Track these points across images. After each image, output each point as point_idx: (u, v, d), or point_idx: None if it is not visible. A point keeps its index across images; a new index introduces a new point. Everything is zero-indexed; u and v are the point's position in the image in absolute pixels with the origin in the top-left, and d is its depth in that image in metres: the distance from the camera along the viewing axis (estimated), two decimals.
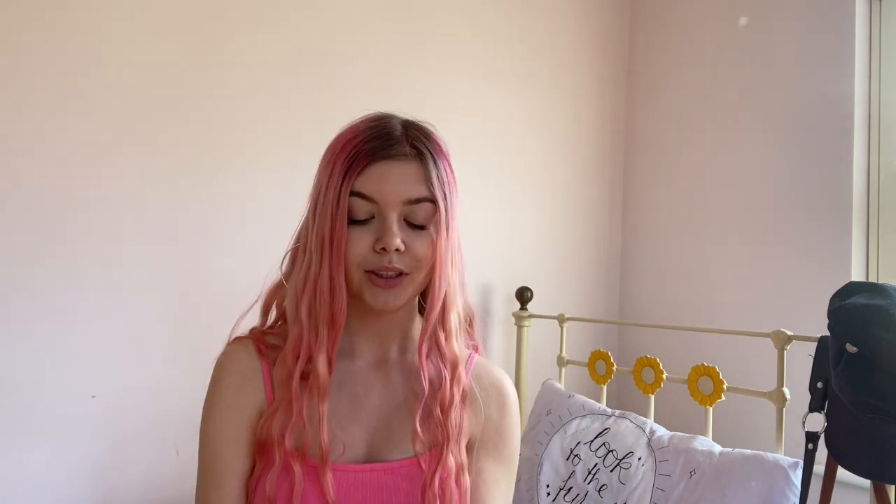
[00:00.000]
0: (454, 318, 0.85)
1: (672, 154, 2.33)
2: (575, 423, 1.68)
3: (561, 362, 2.04)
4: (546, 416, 1.75)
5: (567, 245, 2.36)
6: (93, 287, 1.52)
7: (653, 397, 1.73)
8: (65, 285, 1.49)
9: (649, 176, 2.41)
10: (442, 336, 0.84)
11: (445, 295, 0.82)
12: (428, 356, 0.84)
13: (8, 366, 1.43)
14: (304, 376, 0.80)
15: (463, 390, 0.85)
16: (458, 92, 2.09)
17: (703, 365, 1.60)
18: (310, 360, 0.79)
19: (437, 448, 0.82)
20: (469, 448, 0.88)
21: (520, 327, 2.13)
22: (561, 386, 1.91)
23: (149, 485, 1.57)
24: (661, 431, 1.57)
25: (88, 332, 1.51)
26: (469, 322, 0.92)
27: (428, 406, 0.83)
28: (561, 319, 2.07)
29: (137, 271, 1.58)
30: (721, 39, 2.19)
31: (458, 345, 0.85)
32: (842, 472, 1.24)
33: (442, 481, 0.80)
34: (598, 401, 1.78)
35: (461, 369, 0.85)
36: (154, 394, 1.57)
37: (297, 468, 0.77)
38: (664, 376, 1.70)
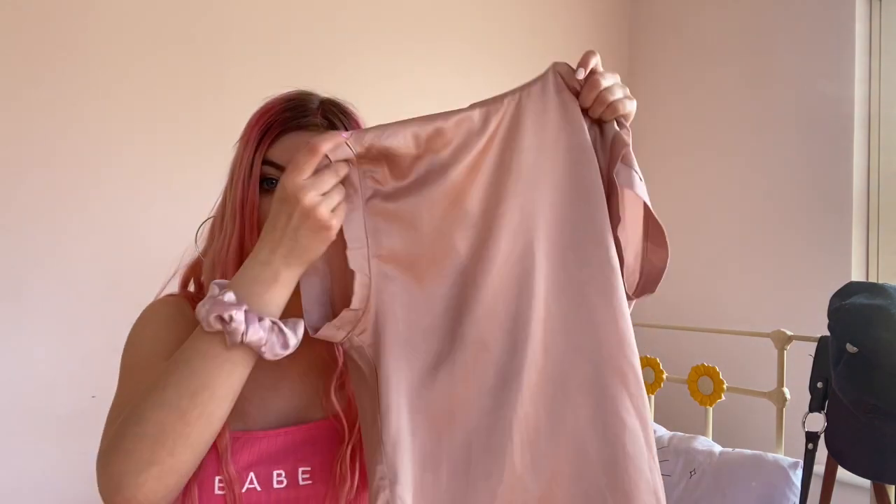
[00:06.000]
0: None
1: (672, 154, 2.33)
2: None
3: None
4: None
5: None
6: (94, 288, 1.52)
7: (653, 397, 1.73)
8: (66, 286, 1.49)
9: (649, 176, 2.40)
10: None
11: None
12: None
13: (8, 366, 1.43)
14: None
15: None
16: (458, 93, 2.09)
17: (703, 365, 1.60)
18: None
19: (352, 416, 0.78)
20: None
21: None
22: None
23: None
24: (661, 431, 1.57)
25: (89, 331, 1.51)
26: None
27: (341, 375, 0.80)
28: None
29: (139, 271, 1.58)
30: (721, 40, 2.19)
31: None
32: (842, 472, 1.24)
33: (359, 449, 0.77)
34: None
35: None
36: None
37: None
38: (664, 376, 1.70)
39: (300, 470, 0.77)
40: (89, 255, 1.52)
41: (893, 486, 1.23)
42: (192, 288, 0.88)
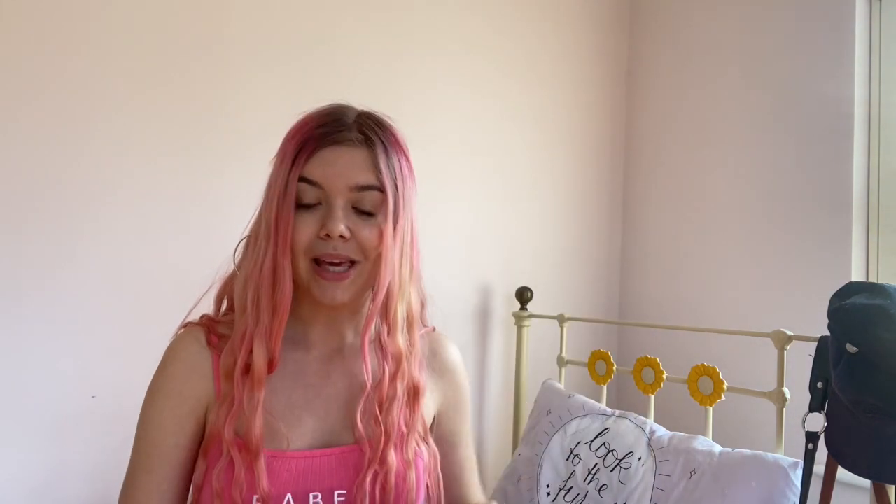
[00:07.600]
0: (400, 312, 0.82)
1: (672, 154, 2.33)
2: (575, 423, 1.67)
3: (561, 362, 2.04)
4: (546, 416, 1.75)
5: (567, 245, 2.35)
6: (94, 287, 1.52)
7: (653, 397, 1.73)
8: (66, 285, 1.49)
9: (649, 176, 2.41)
10: (385, 330, 0.82)
11: (390, 287, 0.79)
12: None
13: (8, 366, 1.43)
14: (250, 367, 0.79)
15: (415, 385, 0.84)
16: (458, 92, 2.09)
17: (703, 365, 1.60)
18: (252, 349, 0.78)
19: (375, 442, 0.80)
20: (442, 413, 0.92)
21: (519, 327, 2.13)
22: (561, 386, 1.91)
23: None
24: (661, 431, 1.57)
25: (89, 331, 1.51)
26: (421, 305, 0.91)
27: (370, 400, 0.81)
28: (561, 319, 2.07)
29: (139, 271, 1.58)
30: (721, 39, 2.19)
31: (403, 339, 0.83)
32: (842, 472, 1.24)
33: (380, 476, 0.79)
34: (598, 401, 1.78)
35: (406, 364, 0.83)
36: None
37: (237, 457, 0.75)
38: (664, 376, 1.70)
39: (336, 493, 0.79)
40: (91, 256, 1.52)
41: (893, 486, 1.23)
42: (225, 303, 0.89)
